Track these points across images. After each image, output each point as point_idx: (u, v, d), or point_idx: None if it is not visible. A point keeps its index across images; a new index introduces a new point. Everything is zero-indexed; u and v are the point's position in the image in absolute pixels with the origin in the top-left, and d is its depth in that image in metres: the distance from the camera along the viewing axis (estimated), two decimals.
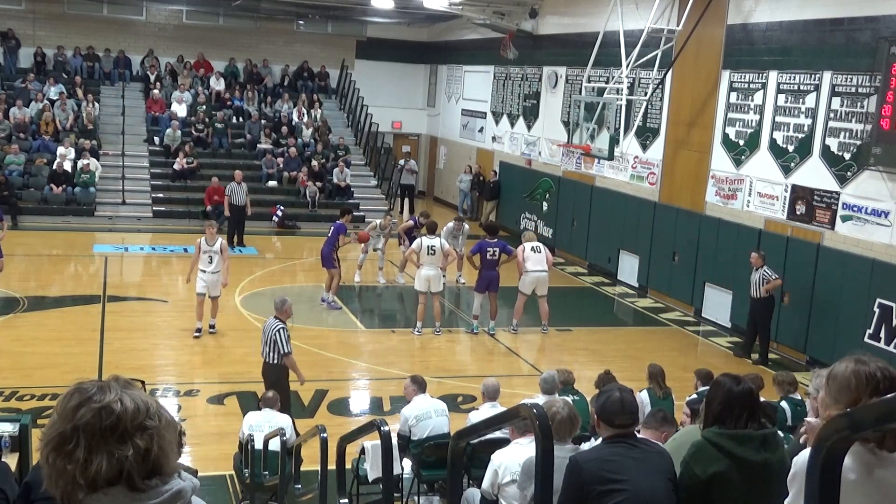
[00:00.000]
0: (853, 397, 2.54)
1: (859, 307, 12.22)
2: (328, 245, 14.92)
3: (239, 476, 8.28)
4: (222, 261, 12.81)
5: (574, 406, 5.32)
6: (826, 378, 2.70)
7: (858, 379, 2.56)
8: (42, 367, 11.23)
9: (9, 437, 5.94)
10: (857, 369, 2.59)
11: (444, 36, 27.16)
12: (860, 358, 2.64)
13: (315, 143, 24.61)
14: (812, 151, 13.37)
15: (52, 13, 25.45)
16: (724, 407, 3.74)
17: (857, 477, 2.36)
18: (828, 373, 2.69)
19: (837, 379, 2.61)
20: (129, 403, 1.73)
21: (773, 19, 14.24)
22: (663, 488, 3.68)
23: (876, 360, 2.62)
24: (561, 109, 20.59)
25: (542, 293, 13.98)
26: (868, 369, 2.58)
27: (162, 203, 21.96)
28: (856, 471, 2.36)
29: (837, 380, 2.61)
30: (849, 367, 2.60)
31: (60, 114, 23.24)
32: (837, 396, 2.59)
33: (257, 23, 27.14)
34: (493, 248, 13.93)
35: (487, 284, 13.88)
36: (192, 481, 1.81)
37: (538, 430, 3.25)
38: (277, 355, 9.38)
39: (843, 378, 2.59)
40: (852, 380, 2.57)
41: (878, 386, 2.53)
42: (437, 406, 8.08)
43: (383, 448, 5.41)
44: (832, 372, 2.66)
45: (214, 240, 12.85)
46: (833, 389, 2.62)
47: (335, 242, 14.97)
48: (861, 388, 2.55)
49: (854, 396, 2.54)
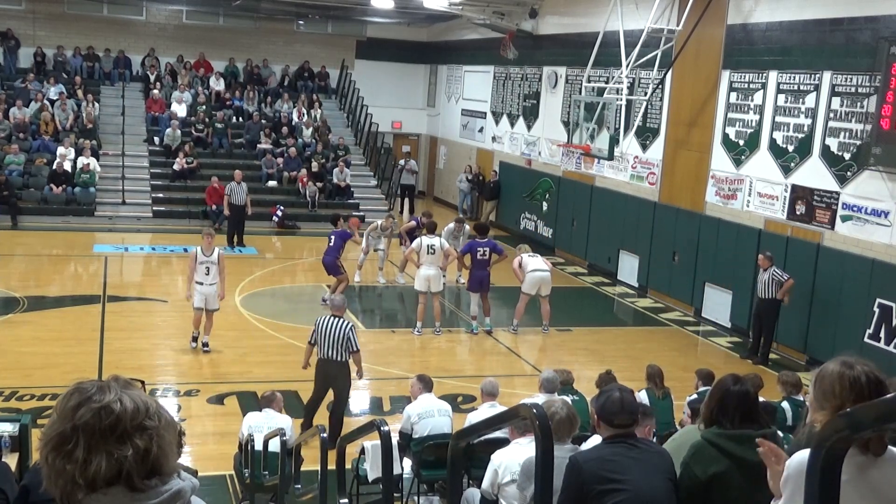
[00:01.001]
0: (837, 403, 2.55)
1: (859, 307, 12.22)
2: (332, 254, 14.76)
3: (239, 476, 8.28)
4: (219, 272, 12.07)
5: (573, 406, 5.32)
6: (813, 380, 2.71)
7: (842, 384, 2.56)
8: (42, 367, 11.22)
9: (9, 437, 5.94)
10: (842, 373, 2.59)
11: (444, 36, 27.16)
12: (846, 360, 2.64)
13: (315, 143, 24.61)
14: (812, 151, 13.37)
15: (52, 13, 25.44)
16: (720, 406, 3.75)
17: (849, 478, 2.36)
18: (816, 375, 2.70)
19: (823, 382, 2.61)
20: (128, 403, 1.73)
21: (773, 19, 14.24)
22: (663, 488, 3.68)
23: (863, 363, 2.62)
24: (561, 109, 20.58)
25: (546, 293, 14.00)
26: (853, 373, 2.58)
27: (162, 203, 21.96)
28: (848, 472, 2.36)
29: (823, 383, 2.61)
30: (834, 371, 2.60)
31: (60, 114, 23.23)
32: (822, 402, 2.60)
33: (257, 23, 27.14)
34: (482, 247, 14.02)
35: (479, 284, 13.96)
36: (191, 481, 1.81)
37: (538, 430, 3.25)
38: (347, 352, 9.44)
39: (828, 382, 2.60)
40: (836, 385, 2.57)
41: (863, 391, 2.53)
42: (440, 406, 8.09)
43: (383, 448, 5.41)
44: (819, 374, 2.66)
45: (211, 249, 12.05)
46: (819, 393, 2.62)
47: (340, 251, 14.88)
48: (845, 393, 2.55)
49: (838, 403, 2.54)
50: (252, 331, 13.53)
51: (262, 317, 14.20)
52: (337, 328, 9.45)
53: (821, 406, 2.60)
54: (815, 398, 2.65)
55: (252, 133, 24.52)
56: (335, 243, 14.86)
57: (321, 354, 9.54)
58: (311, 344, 9.67)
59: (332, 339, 9.43)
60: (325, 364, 9.54)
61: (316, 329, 9.58)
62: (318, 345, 9.56)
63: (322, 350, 9.51)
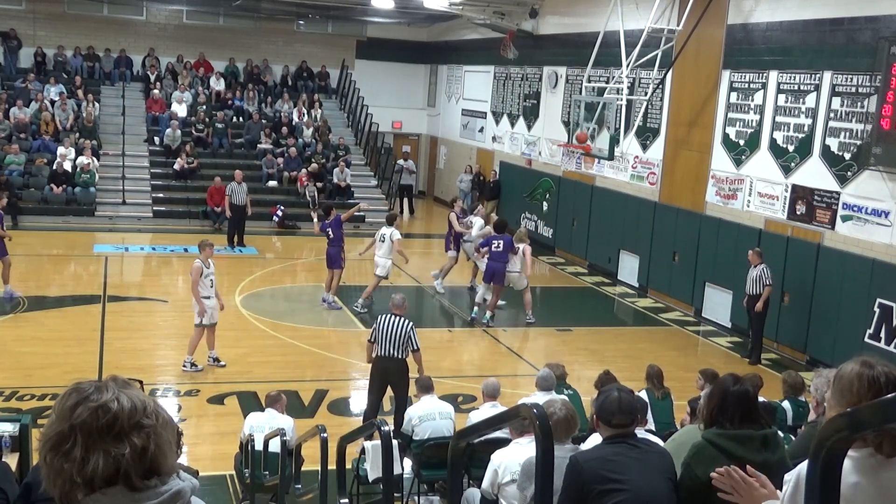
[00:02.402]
0: (854, 401, 2.52)
1: (859, 307, 12.21)
2: (337, 244, 14.87)
3: (239, 476, 8.28)
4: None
5: (573, 407, 5.31)
6: (832, 379, 2.69)
7: (861, 383, 2.54)
8: (42, 367, 11.22)
9: (9, 437, 5.93)
10: (861, 372, 2.57)
11: (445, 36, 27.16)
12: (867, 360, 2.61)
13: (315, 143, 24.62)
14: (812, 151, 13.36)
15: (52, 13, 25.45)
16: (720, 406, 3.74)
17: (860, 480, 2.35)
18: (834, 374, 2.68)
19: (841, 381, 2.59)
20: (125, 402, 1.73)
21: (773, 19, 14.24)
22: (664, 488, 3.68)
23: (883, 364, 2.60)
24: (561, 109, 20.58)
25: (518, 289, 14.72)
26: (872, 373, 2.56)
27: (162, 203, 21.96)
28: (860, 474, 2.36)
29: (841, 382, 2.59)
30: (853, 370, 2.58)
31: (60, 114, 23.24)
32: (840, 399, 2.58)
33: (257, 23, 27.14)
34: (497, 241, 14.47)
35: (491, 275, 14.38)
36: (191, 481, 1.81)
37: (538, 430, 3.24)
38: (407, 351, 9.49)
39: (846, 381, 2.58)
40: (854, 383, 2.55)
41: (881, 391, 2.51)
42: (441, 409, 8.07)
43: (383, 448, 5.40)
44: (838, 373, 2.64)
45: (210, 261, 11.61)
46: (836, 392, 2.60)
47: (342, 239, 14.94)
48: (863, 392, 2.53)
49: (855, 401, 2.52)
50: (252, 331, 13.53)
51: (262, 317, 14.21)
52: (396, 327, 9.48)
53: (837, 403, 2.58)
54: (833, 396, 2.62)
55: (252, 133, 24.52)
56: (336, 234, 14.90)
57: (381, 352, 9.53)
58: (372, 342, 9.65)
59: (393, 338, 9.46)
60: (385, 362, 9.53)
61: (376, 327, 9.61)
62: (377, 343, 9.55)
63: (382, 348, 9.51)
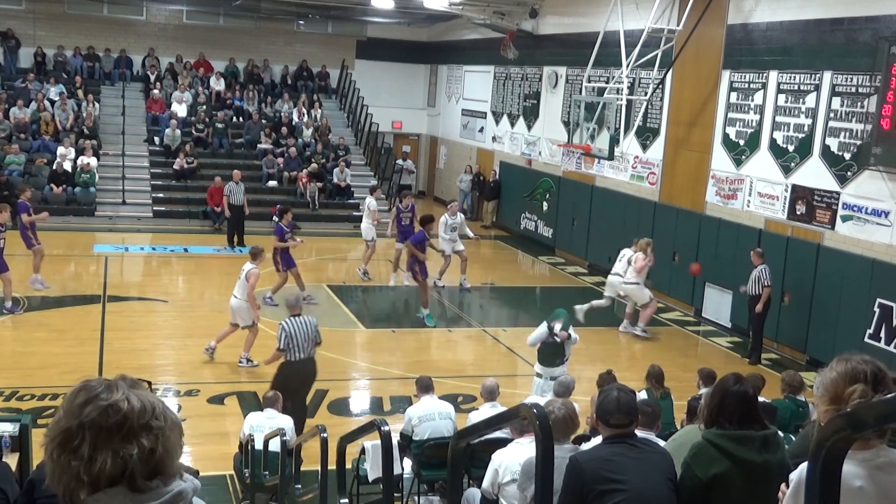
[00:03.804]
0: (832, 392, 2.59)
1: (859, 307, 12.22)
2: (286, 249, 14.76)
3: (239, 476, 8.29)
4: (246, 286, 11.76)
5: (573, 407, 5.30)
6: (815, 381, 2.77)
7: (838, 371, 2.61)
8: (42, 367, 11.22)
9: (9, 437, 5.93)
10: (838, 362, 2.67)
11: (444, 36, 27.16)
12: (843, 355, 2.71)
13: (315, 143, 24.61)
14: (812, 151, 13.37)
15: (52, 13, 25.44)
16: (720, 406, 3.75)
17: (862, 483, 2.36)
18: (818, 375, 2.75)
19: (823, 376, 2.71)
20: (135, 403, 1.72)
21: (773, 19, 14.24)
22: (663, 488, 3.69)
23: (861, 356, 2.68)
24: (561, 109, 20.58)
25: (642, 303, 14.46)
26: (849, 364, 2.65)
27: (162, 203, 21.96)
28: (861, 477, 2.37)
29: (823, 376, 2.71)
30: (832, 364, 2.69)
31: (60, 114, 23.23)
32: (822, 392, 2.66)
33: (257, 23, 27.13)
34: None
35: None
36: (193, 482, 1.80)
37: (538, 430, 3.25)
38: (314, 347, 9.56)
39: (826, 375, 2.68)
40: (832, 373, 2.64)
41: (858, 377, 2.57)
42: (441, 409, 8.03)
43: (383, 448, 5.40)
44: (820, 371, 2.72)
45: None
46: (818, 386, 2.69)
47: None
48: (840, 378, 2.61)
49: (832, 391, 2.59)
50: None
51: (262, 317, 14.18)
52: (307, 327, 9.46)
53: (821, 396, 2.64)
54: (815, 391, 2.69)
55: (252, 133, 24.52)
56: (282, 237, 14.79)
57: (296, 357, 9.40)
58: (282, 350, 9.46)
59: (306, 339, 9.44)
60: (302, 365, 9.46)
61: (288, 335, 9.37)
62: (291, 350, 9.39)
63: (296, 353, 9.40)
